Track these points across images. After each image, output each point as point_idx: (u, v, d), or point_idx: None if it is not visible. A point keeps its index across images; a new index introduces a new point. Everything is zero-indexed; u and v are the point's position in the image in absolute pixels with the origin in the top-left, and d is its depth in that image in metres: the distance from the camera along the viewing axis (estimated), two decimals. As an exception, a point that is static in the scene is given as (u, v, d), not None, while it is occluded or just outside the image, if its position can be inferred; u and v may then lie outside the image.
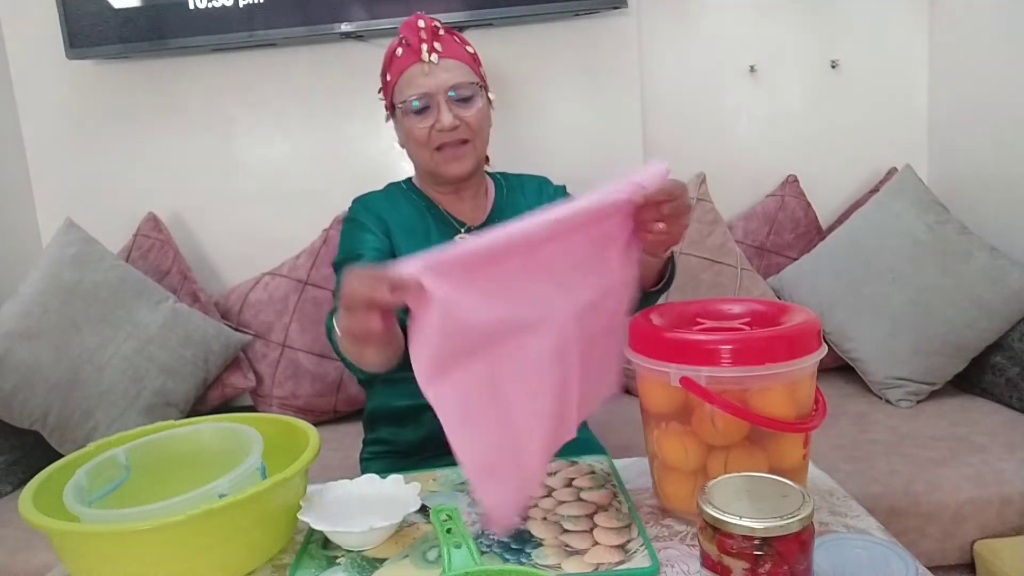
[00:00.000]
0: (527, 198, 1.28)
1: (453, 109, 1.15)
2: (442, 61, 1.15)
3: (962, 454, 1.49)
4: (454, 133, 1.15)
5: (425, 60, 1.14)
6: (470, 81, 1.17)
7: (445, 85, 1.15)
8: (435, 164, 1.18)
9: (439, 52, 1.15)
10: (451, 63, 1.16)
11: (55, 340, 1.63)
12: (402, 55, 1.17)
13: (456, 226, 1.22)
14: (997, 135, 1.90)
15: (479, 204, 1.26)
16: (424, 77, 1.14)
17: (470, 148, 1.18)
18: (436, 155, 1.17)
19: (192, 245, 2.07)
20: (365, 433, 1.29)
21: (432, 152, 1.17)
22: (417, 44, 1.15)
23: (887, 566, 0.70)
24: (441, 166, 1.18)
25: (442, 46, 1.15)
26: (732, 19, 2.13)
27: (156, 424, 0.97)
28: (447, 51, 1.16)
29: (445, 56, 1.15)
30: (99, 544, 0.74)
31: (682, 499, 0.85)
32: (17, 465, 1.66)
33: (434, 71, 1.14)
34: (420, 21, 1.16)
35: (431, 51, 1.14)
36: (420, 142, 1.17)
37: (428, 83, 1.14)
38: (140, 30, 1.88)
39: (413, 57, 1.15)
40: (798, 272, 1.97)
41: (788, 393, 0.79)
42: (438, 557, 0.79)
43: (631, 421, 0.95)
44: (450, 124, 1.14)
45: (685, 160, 2.13)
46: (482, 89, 1.20)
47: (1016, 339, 1.72)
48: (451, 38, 1.19)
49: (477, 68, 1.21)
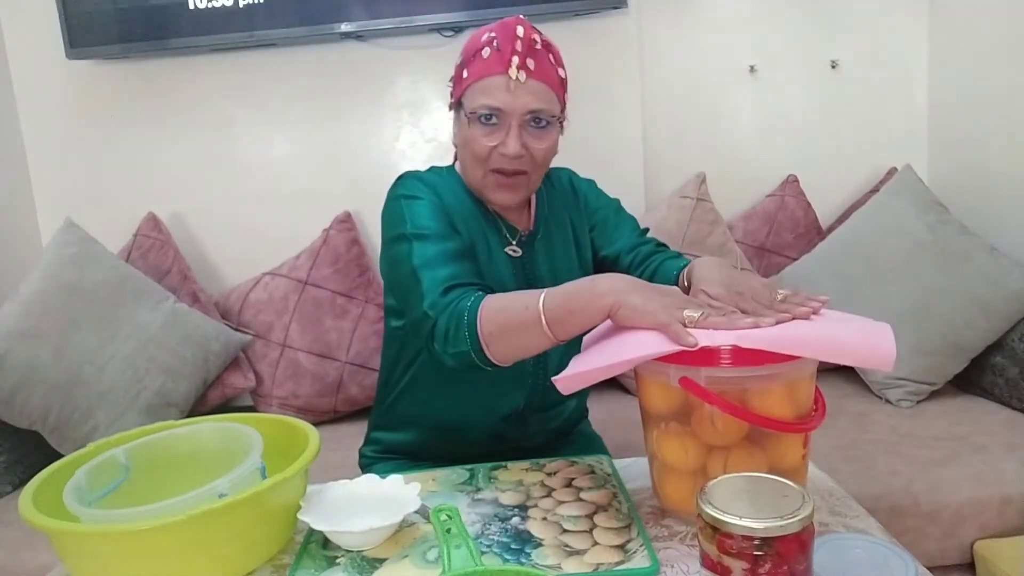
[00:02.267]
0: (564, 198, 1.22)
1: (523, 136, 1.05)
2: (529, 81, 1.03)
3: (962, 454, 1.49)
4: (516, 162, 1.05)
5: (512, 76, 1.02)
6: (551, 112, 1.06)
7: (524, 108, 1.03)
8: (484, 185, 1.09)
9: (529, 71, 1.03)
10: (537, 86, 1.04)
11: (55, 340, 1.63)
12: (488, 58, 1.04)
13: (508, 235, 1.14)
14: (997, 135, 1.90)
15: (527, 212, 1.18)
16: (505, 93, 1.03)
17: (524, 181, 1.08)
18: (489, 176, 1.08)
19: (192, 245, 2.07)
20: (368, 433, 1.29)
21: (486, 172, 1.07)
22: (509, 55, 1.03)
23: (887, 566, 0.70)
24: (490, 190, 1.09)
25: (535, 64, 1.04)
26: (732, 19, 2.13)
27: (156, 424, 0.97)
28: (538, 71, 1.04)
29: (534, 77, 1.03)
30: (99, 544, 0.74)
31: (682, 499, 0.84)
32: (17, 465, 1.66)
33: (518, 90, 1.03)
34: (520, 28, 1.03)
35: (522, 67, 1.02)
36: (477, 158, 1.07)
37: (507, 101, 1.03)
38: (140, 30, 1.88)
39: (500, 67, 1.03)
40: (798, 272, 1.97)
41: (788, 393, 0.79)
42: (438, 557, 0.79)
43: (631, 421, 0.95)
44: (515, 152, 1.04)
45: (685, 160, 2.13)
46: (560, 120, 1.09)
47: (1016, 339, 1.72)
48: (546, 56, 1.06)
49: (563, 94, 1.09)
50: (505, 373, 0.97)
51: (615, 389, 1.93)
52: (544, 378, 1.13)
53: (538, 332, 0.87)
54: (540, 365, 1.13)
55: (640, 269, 1.14)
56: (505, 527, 0.85)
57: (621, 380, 1.91)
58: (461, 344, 0.92)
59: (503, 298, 0.92)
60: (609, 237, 1.21)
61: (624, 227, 1.21)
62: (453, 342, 0.93)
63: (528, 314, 0.87)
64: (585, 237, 1.21)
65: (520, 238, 1.15)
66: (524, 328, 0.88)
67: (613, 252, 1.19)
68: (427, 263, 1.00)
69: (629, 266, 1.16)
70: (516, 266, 1.13)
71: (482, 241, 1.11)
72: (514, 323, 0.89)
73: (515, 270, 1.13)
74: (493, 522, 0.86)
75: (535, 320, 0.86)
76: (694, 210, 1.99)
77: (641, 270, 1.14)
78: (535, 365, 1.12)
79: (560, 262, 1.16)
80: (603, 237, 1.21)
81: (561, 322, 0.86)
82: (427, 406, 1.16)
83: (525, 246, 1.14)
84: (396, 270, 1.06)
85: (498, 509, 0.89)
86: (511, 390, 1.13)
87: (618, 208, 1.25)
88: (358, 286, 1.96)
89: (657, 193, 2.13)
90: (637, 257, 1.16)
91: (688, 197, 2.02)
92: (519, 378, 1.12)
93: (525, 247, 1.14)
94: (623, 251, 1.18)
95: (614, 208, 1.24)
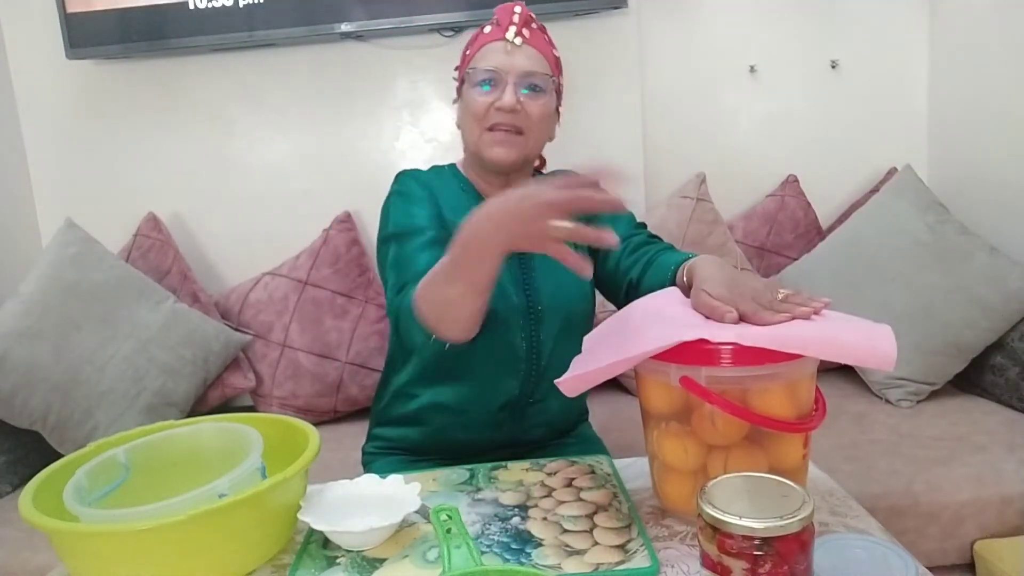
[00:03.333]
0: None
1: (519, 94, 1.11)
2: (525, 47, 1.12)
3: (962, 454, 1.49)
4: (511, 116, 1.11)
5: (509, 39, 1.11)
6: (546, 73, 1.13)
7: (520, 69, 1.11)
8: (482, 144, 1.13)
9: (525, 38, 1.12)
10: (533, 52, 1.13)
11: (55, 340, 1.63)
12: (489, 32, 1.14)
13: None
14: (997, 135, 1.90)
15: None
16: (503, 55, 1.11)
17: (521, 140, 1.13)
18: (486, 135, 1.12)
19: (192, 245, 2.07)
20: (370, 429, 1.30)
21: (483, 130, 1.12)
22: (507, 24, 1.12)
23: (887, 566, 0.70)
24: (486, 148, 1.13)
25: (530, 34, 1.13)
26: (732, 19, 2.13)
27: (156, 424, 0.97)
28: (534, 40, 1.13)
29: (530, 43, 1.13)
30: (99, 544, 0.74)
31: (682, 499, 0.84)
32: (17, 465, 1.66)
33: (514, 52, 1.11)
34: (517, 7, 1.14)
35: (518, 33, 1.12)
36: (476, 115, 1.12)
37: (504, 62, 1.11)
38: (140, 30, 1.88)
39: (498, 34, 1.13)
40: (798, 272, 1.97)
41: (788, 393, 0.79)
42: (438, 557, 0.79)
43: (631, 421, 0.95)
44: (510, 105, 1.09)
45: (685, 160, 2.13)
46: (555, 89, 1.16)
47: (1016, 339, 1.72)
48: (542, 34, 1.16)
49: (557, 72, 1.17)
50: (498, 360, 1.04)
51: (615, 389, 1.93)
52: (538, 365, 1.14)
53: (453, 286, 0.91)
54: (533, 351, 1.13)
55: (630, 260, 1.13)
56: (505, 527, 0.85)
57: (621, 380, 1.91)
58: (417, 335, 0.98)
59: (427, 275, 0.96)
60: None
61: (620, 219, 1.20)
62: (410, 335, 1.00)
63: (439, 274, 0.92)
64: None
65: None
66: (442, 289, 0.92)
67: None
68: (398, 262, 1.07)
69: (619, 257, 1.15)
70: (513, 261, 1.13)
71: None
72: (438, 294, 0.93)
73: (512, 264, 1.13)
74: (493, 522, 0.86)
75: (445, 275, 0.91)
76: (694, 210, 1.99)
77: (631, 261, 1.13)
78: (528, 351, 1.13)
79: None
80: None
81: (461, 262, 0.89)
82: (425, 397, 1.17)
83: None
84: (381, 274, 1.13)
85: (498, 509, 0.89)
86: (506, 376, 1.14)
87: None
88: (358, 286, 1.96)
89: (657, 193, 2.13)
90: (627, 249, 1.15)
91: (688, 197, 2.02)
92: (513, 364, 1.13)
93: None
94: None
95: None
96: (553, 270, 1.14)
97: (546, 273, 1.15)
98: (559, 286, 1.14)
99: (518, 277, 1.14)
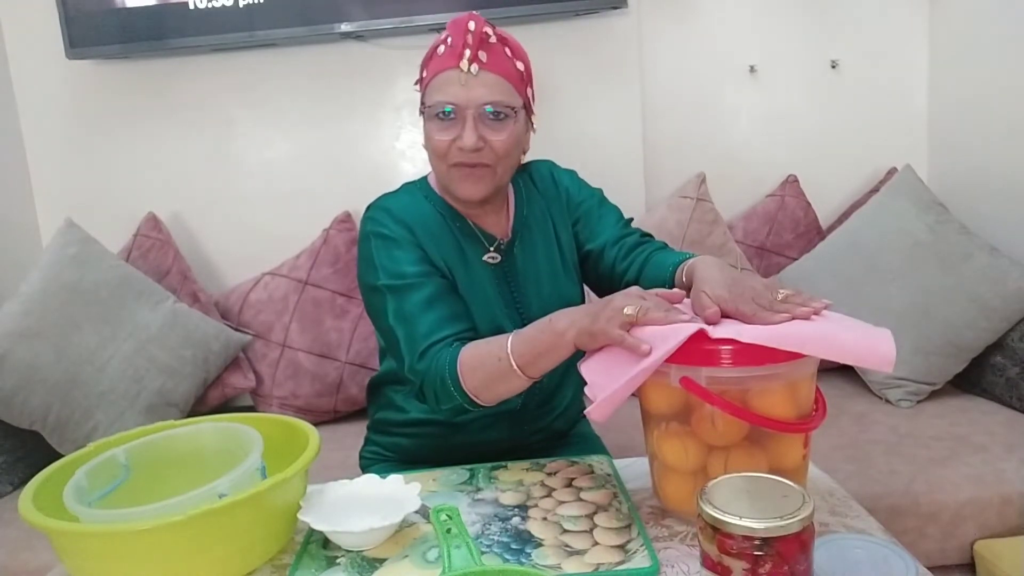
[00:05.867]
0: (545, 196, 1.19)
1: (481, 128, 1.02)
2: (482, 74, 1.02)
3: (962, 454, 1.49)
4: (475, 155, 1.03)
5: (463, 69, 1.01)
6: (507, 103, 1.03)
7: (479, 101, 1.02)
8: (450, 180, 1.07)
9: (482, 63, 1.02)
10: (492, 78, 1.02)
11: (55, 340, 1.63)
12: (443, 55, 1.04)
13: (486, 242, 1.12)
14: (997, 135, 1.90)
15: (505, 215, 1.16)
16: (458, 87, 1.02)
17: (489, 173, 1.05)
18: (452, 171, 1.06)
19: (192, 245, 2.07)
20: (367, 434, 1.30)
21: (448, 167, 1.06)
22: (460, 48, 1.02)
23: (887, 566, 0.70)
24: (454, 184, 1.07)
25: (487, 57, 1.02)
26: (732, 19, 2.13)
27: (156, 424, 0.97)
28: (491, 63, 1.02)
29: (488, 68, 1.02)
30: (99, 544, 0.74)
31: (682, 499, 0.84)
32: (17, 465, 1.66)
33: (471, 83, 1.01)
34: (471, 23, 1.02)
35: (473, 60, 1.01)
36: (437, 153, 1.05)
37: (460, 95, 1.02)
38: (140, 30, 1.88)
39: (452, 61, 1.02)
40: (798, 272, 1.97)
41: (788, 393, 0.79)
42: (438, 557, 0.79)
43: (631, 421, 0.95)
44: (472, 145, 1.02)
45: (685, 160, 2.13)
46: (521, 112, 1.07)
47: (1016, 339, 1.72)
48: (501, 49, 1.04)
49: (523, 88, 1.07)
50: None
51: (615, 389, 1.93)
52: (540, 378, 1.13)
53: (516, 377, 0.93)
54: None
55: (626, 262, 1.11)
56: (505, 527, 0.85)
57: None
58: (452, 400, 0.98)
59: (476, 353, 0.96)
60: (593, 230, 1.17)
61: (608, 219, 1.18)
62: (444, 399, 0.99)
63: (502, 365, 0.93)
64: (568, 234, 1.18)
65: (498, 245, 1.13)
66: (503, 377, 0.94)
67: (598, 246, 1.16)
68: (403, 319, 1.03)
69: (614, 260, 1.13)
70: (497, 274, 1.12)
71: (458, 253, 1.10)
72: (493, 376, 0.95)
73: (496, 278, 1.11)
74: (493, 522, 0.86)
75: (510, 369, 0.93)
76: (694, 210, 1.99)
77: (627, 263, 1.11)
78: None
79: (542, 264, 1.14)
80: (587, 230, 1.18)
81: (534, 365, 0.92)
82: (416, 412, 1.16)
83: (504, 252, 1.13)
84: (375, 320, 1.11)
85: (498, 509, 0.89)
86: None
87: (601, 199, 1.21)
88: (358, 286, 1.95)
89: (657, 193, 2.13)
90: (622, 250, 1.13)
91: (688, 197, 2.02)
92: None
93: (504, 253, 1.13)
94: (608, 244, 1.15)
95: (597, 200, 1.20)
96: (536, 283, 1.13)
97: (531, 288, 1.13)
98: (546, 298, 1.12)
99: (507, 297, 1.12)
